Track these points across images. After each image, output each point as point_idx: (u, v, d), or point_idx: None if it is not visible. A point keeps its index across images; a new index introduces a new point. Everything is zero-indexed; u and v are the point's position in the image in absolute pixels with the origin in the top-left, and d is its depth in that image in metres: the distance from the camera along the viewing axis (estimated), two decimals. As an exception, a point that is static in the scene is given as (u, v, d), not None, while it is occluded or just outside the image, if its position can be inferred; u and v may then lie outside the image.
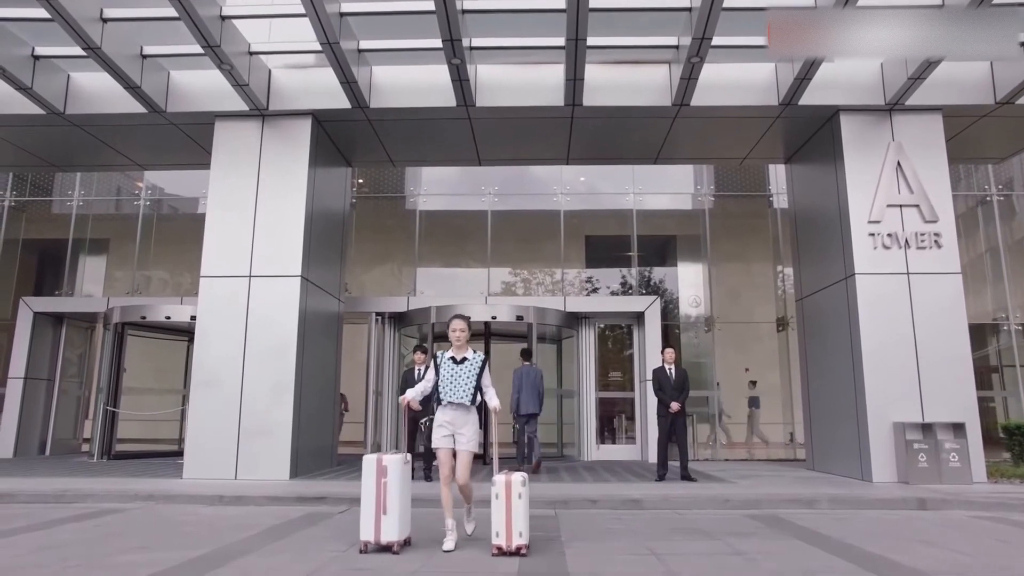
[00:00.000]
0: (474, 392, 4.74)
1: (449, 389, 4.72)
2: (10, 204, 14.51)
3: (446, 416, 4.72)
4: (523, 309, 12.07)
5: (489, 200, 14.13)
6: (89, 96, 9.19)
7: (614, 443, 13.18)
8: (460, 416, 4.70)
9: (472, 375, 4.75)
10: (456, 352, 4.84)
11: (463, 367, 4.77)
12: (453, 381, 4.73)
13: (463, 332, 4.81)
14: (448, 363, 4.81)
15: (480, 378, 4.79)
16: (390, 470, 4.60)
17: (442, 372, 4.79)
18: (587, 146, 10.52)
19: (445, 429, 4.71)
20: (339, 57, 7.93)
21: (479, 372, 4.79)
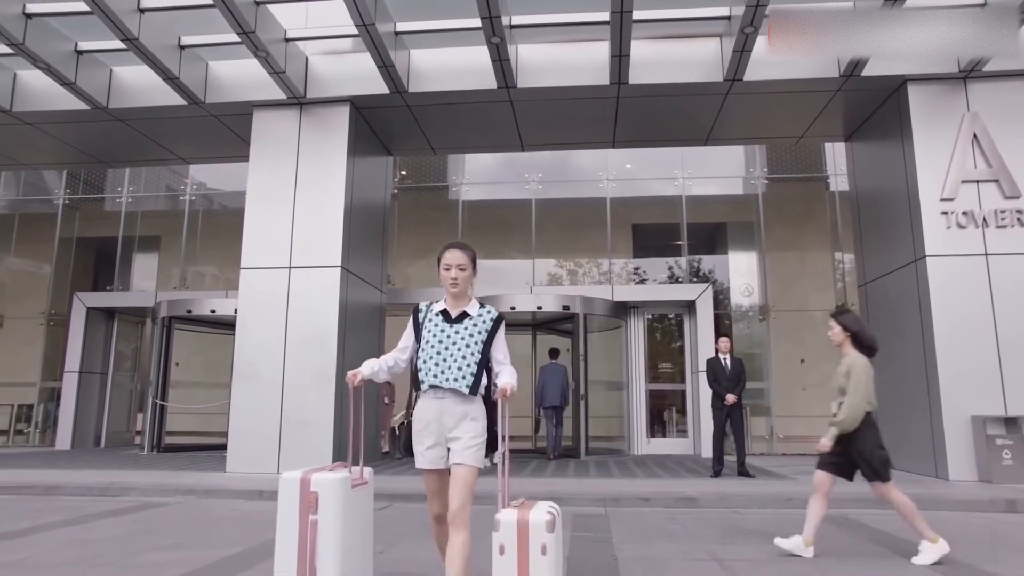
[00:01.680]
0: (477, 371, 2.93)
1: (434, 365, 2.93)
2: (64, 202, 14.81)
3: (430, 411, 2.92)
4: (569, 299, 11.72)
5: (533, 188, 13.79)
6: (131, 90, 9.19)
7: (665, 436, 12.75)
8: (454, 411, 2.90)
9: (475, 343, 2.96)
10: (451, 304, 3.04)
11: (461, 329, 2.98)
12: (443, 352, 2.95)
13: (462, 271, 3.01)
14: (436, 321, 3.03)
15: (489, 348, 3.01)
16: (324, 500, 2.94)
17: (426, 336, 3.01)
18: (634, 127, 10.08)
19: (429, 436, 2.91)
20: (375, 39, 7.70)
21: (488, 338, 3.00)
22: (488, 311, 3.08)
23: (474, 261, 3.11)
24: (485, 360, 2.99)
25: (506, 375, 2.97)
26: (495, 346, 3.03)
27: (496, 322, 3.06)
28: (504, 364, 3.04)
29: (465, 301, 3.06)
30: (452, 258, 3.03)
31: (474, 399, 2.95)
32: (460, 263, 3.02)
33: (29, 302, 14.42)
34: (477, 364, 2.94)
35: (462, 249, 3.07)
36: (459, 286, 3.01)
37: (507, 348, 3.10)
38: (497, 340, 3.05)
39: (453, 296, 3.04)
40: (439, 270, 3.06)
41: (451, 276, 3.00)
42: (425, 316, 3.09)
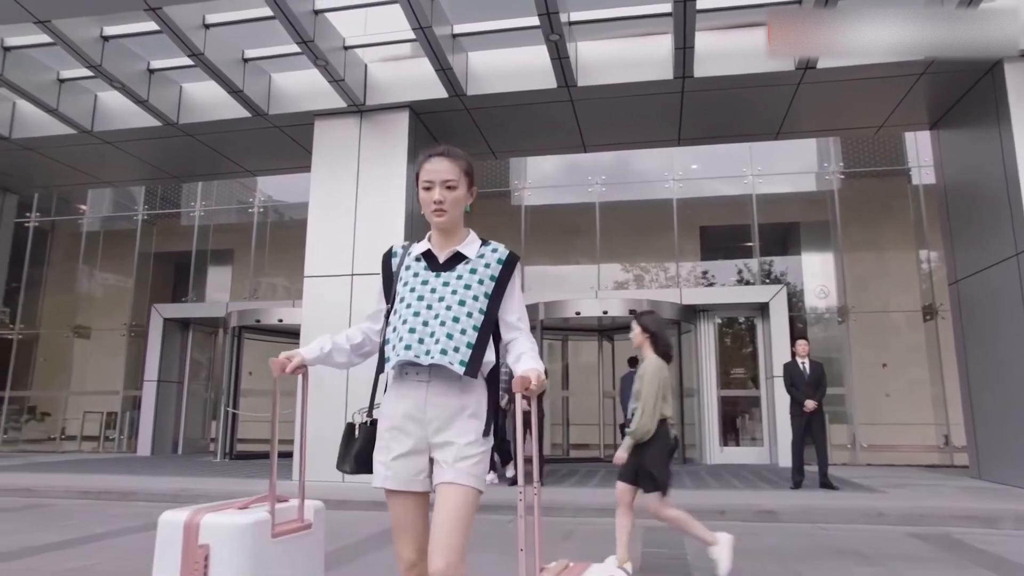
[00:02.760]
0: (479, 339, 2.00)
1: (408, 332, 2.00)
2: (143, 218, 15.42)
3: (405, 403, 2.00)
4: (636, 303, 11.37)
5: (596, 191, 13.52)
6: (199, 105, 9.43)
7: (739, 445, 12.22)
8: (442, 402, 1.98)
9: (475, 297, 2.04)
10: (438, 241, 2.13)
11: (452, 278, 2.07)
12: (424, 313, 2.02)
13: (450, 190, 2.06)
14: (415, 268, 2.12)
15: (497, 304, 2.08)
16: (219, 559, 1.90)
17: (400, 291, 2.11)
18: (700, 123, 9.70)
19: (402, 439, 1.99)
20: (432, 42, 7.63)
21: (495, 289, 2.08)
22: (494, 249, 2.12)
23: (470, 175, 2.12)
24: (491, 323, 2.03)
25: (527, 355, 2.02)
26: (507, 301, 2.08)
27: (507, 264, 2.09)
28: (521, 332, 2.08)
29: (459, 237, 2.12)
30: (435, 171, 2.06)
31: (473, 384, 1.99)
32: (447, 178, 2.05)
33: (113, 314, 15.05)
34: (478, 329, 1.99)
35: (449, 157, 2.09)
36: (447, 213, 2.05)
37: (524, 307, 2.15)
38: (511, 293, 2.08)
39: (440, 231, 2.11)
40: (418, 191, 2.11)
41: (434, 199, 2.04)
42: (401, 262, 2.15)
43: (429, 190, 2.09)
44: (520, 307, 2.14)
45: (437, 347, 1.97)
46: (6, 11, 7.34)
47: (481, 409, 2.02)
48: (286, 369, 2.10)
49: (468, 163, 2.15)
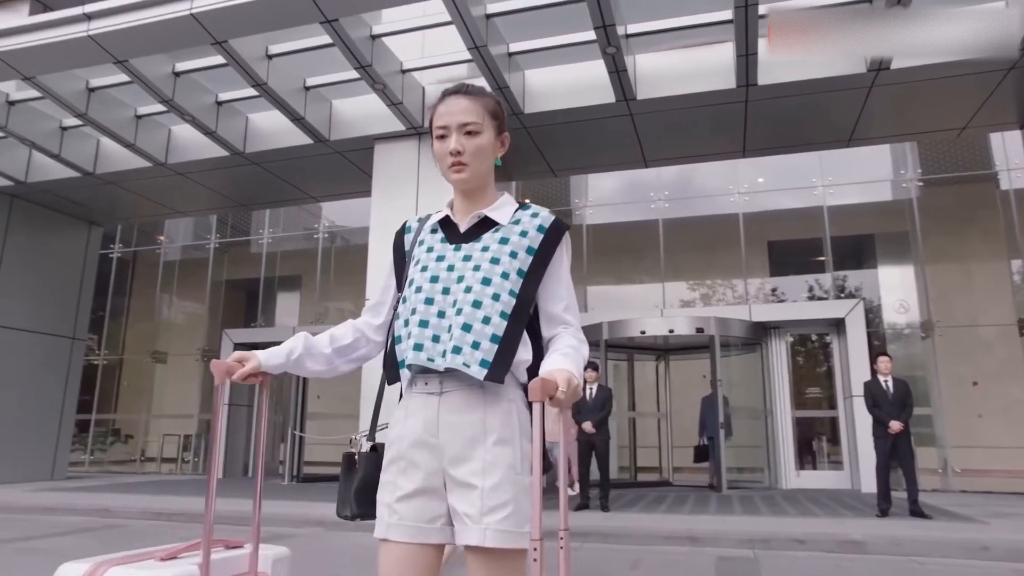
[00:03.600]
0: (509, 331, 1.53)
1: (418, 326, 1.56)
2: (215, 246, 15.99)
3: (415, 422, 1.56)
4: (703, 320, 11.01)
5: (659, 207, 13.23)
6: (264, 134, 9.70)
7: (816, 468, 11.59)
8: (462, 420, 1.52)
9: (506, 273, 1.56)
10: (461, 206, 1.68)
11: (477, 250, 1.60)
12: (439, 298, 1.57)
13: (472, 136, 1.60)
14: (430, 242, 1.68)
15: (535, 283, 1.59)
16: None
17: (412, 273, 1.66)
18: (765, 133, 9.36)
19: (411, 473, 1.53)
20: (488, 61, 7.62)
21: (535, 263, 1.59)
22: (534, 214, 1.64)
23: (498, 117, 1.65)
24: (525, 310, 1.55)
25: (559, 352, 1.53)
26: (550, 284, 1.61)
27: (551, 233, 1.61)
28: (568, 327, 1.61)
29: (487, 200, 1.66)
30: (449, 112, 1.61)
31: (502, 394, 1.53)
32: (465, 121, 1.59)
33: (188, 340, 15.61)
34: (507, 318, 1.52)
35: (469, 94, 1.64)
36: (468, 168, 1.59)
37: (574, 295, 1.65)
38: (556, 273, 1.61)
39: (463, 193, 1.66)
40: (432, 146, 1.65)
41: (451, 149, 1.59)
42: (416, 238, 1.72)
43: (444, 138, 1.61)
44: (568, 293, 1.63)
45: (454, 345, 1.50)
46: (89, 53, 7.75)
47: (512, 431, 1.51)
48: (233, 375, 1.65)
49: (495, 102, 1.67)
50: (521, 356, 1.56)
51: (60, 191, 11.28)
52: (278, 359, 1.72)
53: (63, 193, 11.38)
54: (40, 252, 11.97)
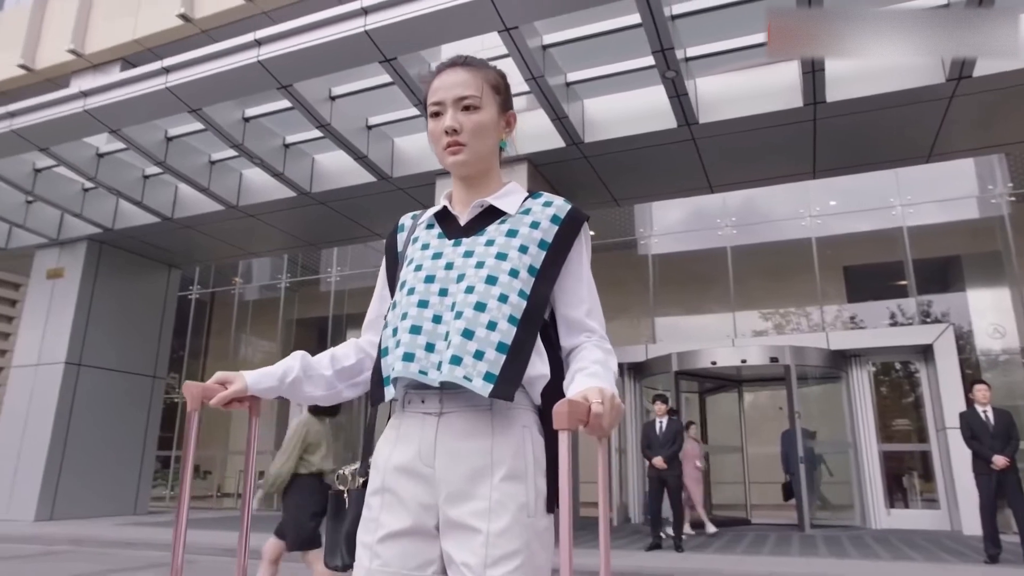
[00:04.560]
0: (519, 339, 1.28)
1: (409, 333, 1.33)
2: (286, 285, 16.47)
3: (400, 450, 1.32)
4: (777, 350, 10.54)
5: (727, 234, 12.88)
6: (329, 173, 9.95)
7: (908, 507, 10.79)
8: (462, 446, 1.28)
9: (513, 270, 1.33)
10: (460, 195, 1.47)
11: (479, 244, 1.38)
12: (434, 300, 1.34)
13: (469, 112, 1.40)
14: (425, 238, 1.46)
15: (550, 281, 1.37)
16: None
17: (404, 273, 1.43)
18: (837, 152, 8.98)
19: (394, 509, 1.30)
20: (545, 91, 7.61)
21: (549, 257, 1.37)
22: (547, 203, 1.43)
23: (501, 92, 1.46)
24: (538, 313, 1.33)
25: (586, 371, 1.28)
26: (568, 283, 1.39)
27: (567, 224, 1.39)
28: (591, 335, 1.37)
29: (491, 187, 1.46)
30: (443, 86, 1.43)
31: (512, 416, 1.30)
32: (462, 95, 1.40)
33: (262, 378, 16.01)
34: (516, 323, 1.29)
35: (467, 65, 1.44)
36: (467, 148, 1.40)
37: (597, 298, 1.41)
38: (574, 271, 1.39)
39: (462, 179, 1.46)
40: (427, 125, 1.46)
41: (446, 127, 1.40)
42: (409, 237, 1.51)
43: (438, 116, 1.41)
44: (590, 295, 1.39)
45: (450, 353, 1.26)
46: (167, 104, 8.17)
47: (525, 464, 1.26)
48: (210, 400, 1.39)
49: (498, 74, 1.46)
50: (535, 369, 1.31)
51: (143, 236, 11.86)
52: (269, 382, 1.46)
53: (145, 238, 11.96)
54: (125, 294, 12.57)
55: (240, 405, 1.46)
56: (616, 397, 1.19)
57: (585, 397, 1.15)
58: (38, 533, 9.20)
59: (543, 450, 1.31)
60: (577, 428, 1.12)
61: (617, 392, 1.24)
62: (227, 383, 1.43)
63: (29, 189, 10.52)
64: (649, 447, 7.95)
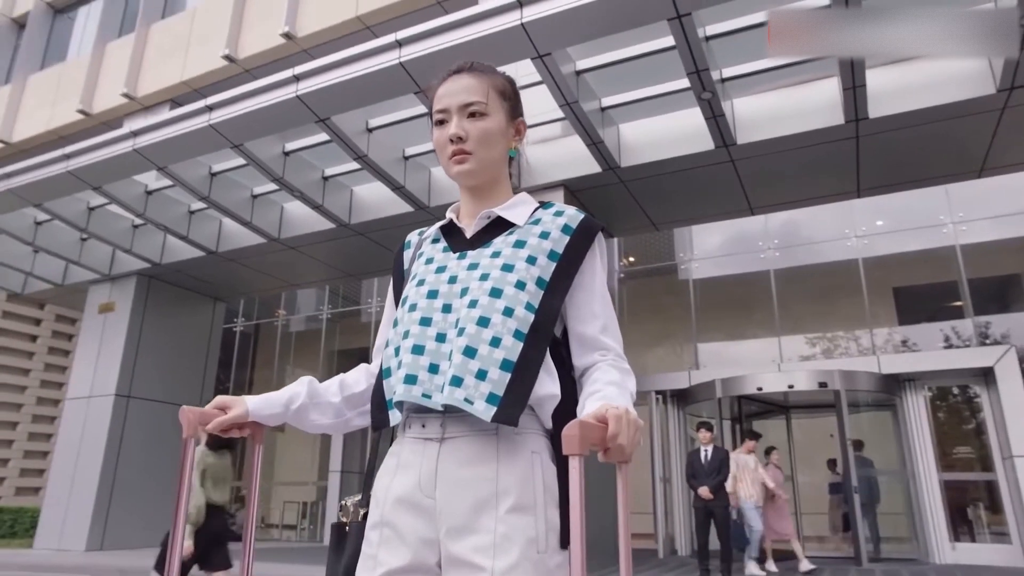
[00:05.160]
0: (525, 357, 1.19)
1: (411, 353, 1.25)
2: (327, 316, 16.66)
3: (400, 480, 1.24)
4: (826, 374, 10.18)
5: (770, 257, 12.61)
6: (367, 205, 10.08)
7: (974, 541, 10.21)
8: (465, 475, 1.18)
9: (520, 283, 1.24)
10: (468, 207, 1.42)
11: (485, 256, 1.30)
12: (436, 317, 1.26)
13: (476, 119, 1.34)
14: (430, 252, 1.40)
15: (560, 295, 1.28)
16: None
17: (407, 290, 1.36)
18: (882, 170, 8.73)
19: (392, 545, 1.21)
20: (580, 117, 7.59)
21: (559, 269, 1.29)
22: (558, 212, 1.37)
23: (510, 98, 1.41)
24: (547, 328, 1.24)
25: (600, 393, 1.18)
26: (580, 297, 1.30)
27: (580, 234, 1.32)
28: (607, 353, 1.27)
29: (498, 197, 1.40)
30: (448, 93, 1.36)
31: (519, 441, 1.20)
32: (468, 100, 1.34)
33: (304, 409, 16.16)
34: (523, 338, 1.20)
35: (473, 71, 1.38)
36: (474, 157, 1.34)
37: (613, 314, 1.33)
38: (587, 284, 1.31)
39: (470, 190, 1.41)
40: (432, 135, 1.39)
41: (451, 134, 1.33)
42: (416, 253, 1.45)
43: (443, 124, 1.35)
44: (605, 310, 1.30)
45: (451, 373, 1.18)
46: (211, 140, 8.41)
47: (535, 494, 1.16)
48: (207, 426, 1.31)
49: (506, 80, 1.41)
50: (544, 388, 1.20)
51: (189, 270, 12.16)
52: (273, 408, 1.40)
53: (191, 272, 12.25)
54: (172, 327, 12.86)
55: (240, 432, 1.39)
56: (633, 413, 1.08)
57: (599, 418, 1.05)
58: (89, 563, 9.34)
59: (555, 478, 1.21)
60: (588, 453, 1.01)
61: (629, 401, 1.15)
62: (227, 408, 1.36)
63: (83, 227, 10.90)
64: (694, 476, 7.71)
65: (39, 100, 14.96)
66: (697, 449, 7.90)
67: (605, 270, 1.37)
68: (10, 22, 16.53)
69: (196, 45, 12.88)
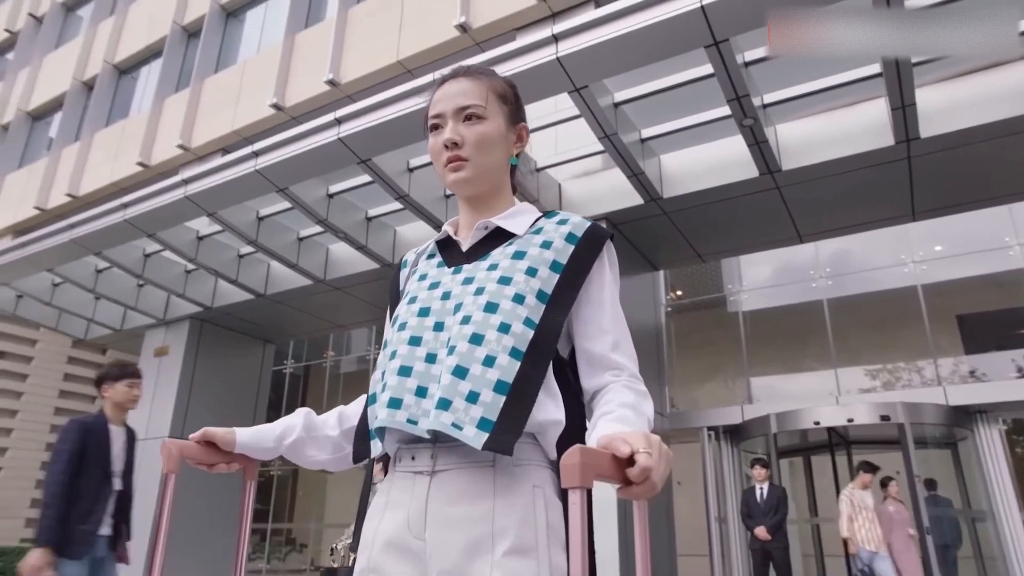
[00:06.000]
0: (520, 375, 1.06)
1: (397, 375, 1.14)
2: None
3: (388, 518, 1.13)
4: (888, 407, 9.68)
5: (822, 286, 12.20)
6: (409, 243, 10.15)
7: (1062, 586, 9.44)
8: (447, 515, 1.06)
9: (520, 297, 1.12)
10: (466, 218, 1.34)
11: (482, 270, 1.20)
12: (427, 335, 1.16)
13: (473, 123, 1.25)
14: (425, 268, 1.31)
15: (564, 308, 1.15)
16: None
17: (399, 310, 1.25)
18: (938, 191, 8.41)
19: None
20: (620, 148, 7.54)
21: (558, 288, 1.15)
22: (561, 221, 1.25)
23: (510, 102, 1.31)
24: (548, 345, 1.12)
25: (612, 415, 1.08)
26: (587, 312, 1.19)
27: (586, 243, 1.21)
28: (620, 373, 1.15)
29: (499, 207, 1.31)
30: (444, 97, 1.29)
31: (524, 473, 1.09)
32: (464, 104, 1.25)
33: (352, 449, 16.21)
34: (521, 357, 1.09)
35: (470, 74, 1.30)
36: (470, 164, 1.25)
37: (626, 329, 1.20)
38: (595, 297, 1.20)
39: (468, 202, 1.33)
40: (428, 142, 1.31)
41: (445, 139, 1.25)
42: (411, 270, 1.34)
43: (438, 129, 1.27)
44: (616, 326, 1.17)
45: (439, 395, 1.07)
46: (258, 185, 8.63)
47: (535, 533, 1.03)
48: (192, 460, 1.23)
49: (506, 83, 1.31)
50: (545, 414, 1.08)
51: (239, 313, 12.42)
52: (265, 442, 1.31)
53: (241, 314, 12.51)
54: (223, 370, 13.10)
55: (228, 467, 1.31)
56: (662, 443, 0.94)
57: (608, 445, 0.90)
58: (139, 606, 9.39)
59: (561, 517, 1.07)
60: (593, 485, 0.85)
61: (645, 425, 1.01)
62: (213, 440, 1.29)
63: (140, 273, 11.26)
64: (750, 516, 7.38)
65: (103, 155, 15.71)
66: (752, 487, 7.58)
67: (616, 282, 1.25)
68: (81, 85, 17.50)
69: (246, 96, 13.38)
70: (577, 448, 0.85)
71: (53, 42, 19.01)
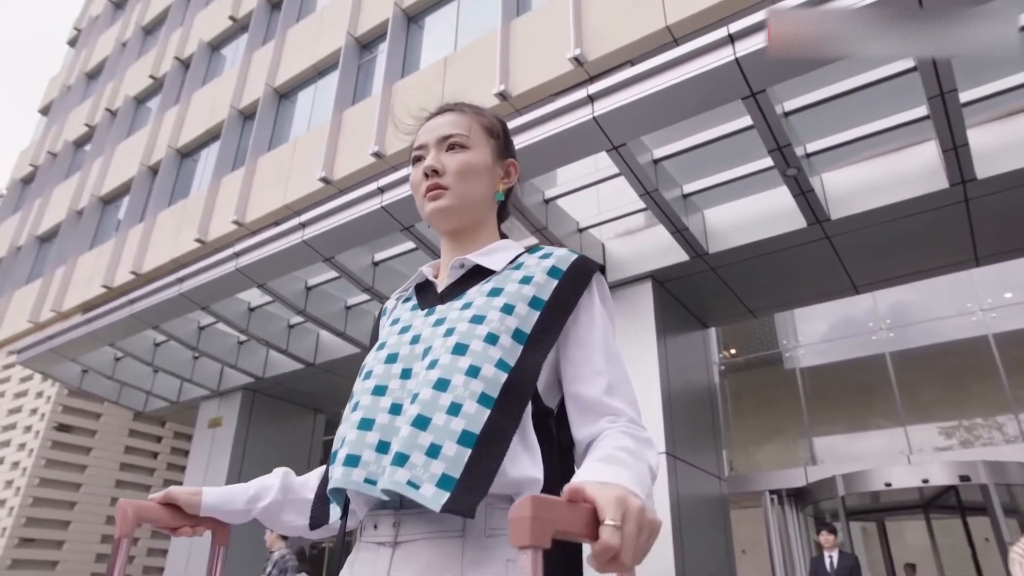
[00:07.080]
0: (488, 426, 0.93)
1: (356, 429, 1.02)
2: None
3: None
4: (968, 466, 9.02)
5: (883, 338, 11.66)
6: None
7: None
8: None
9: (493, 338, 0.99)
10: (447, 254, 1.25)
11: (455, 311, 1.08)
12: (393, 384, 1.05)
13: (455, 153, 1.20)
14: (397, 313, 1.23)
15: (545, 347, 1.02)
16: None
17: (368, 358, 1.17)
18: (1001, 234, 8.03)
19: None
20: (662, 205, 7.46)
21: (538, 327, 1.03)
22: (545, 255, 1.15)
23: (498, 136, 1.25)
24: (522, 392, 0.99)
25: (601, 461, 0.89)
26: (576, 353, 1.07)
27: (571, 277, 1.09)
28: (616, 417, 1.03)
29: (480, 243, 1.21)
30: (429, 129, 1.24)
31: (495, 544, 0.94)
32: (447, 133, 1.20)
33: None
34: (491, 405, 0.95)
35: (455, 109, 1.25)
36: (450, 193, 1.17)
37: (623, 368, 1.09)
38: (584, 336, 1.07)
39: (449, 237, 1.23)
40: (411, 174, 1.27)
41: (425, 168, 1.18)
42: (389, 317, 1.24)
43: (420, 161, 1.22)
44: (611, 367, 1.04)
45: (400, 454, 0.93)
46: (305, 255, 8.83)
47: None
48: (155, 522, 1.11)
49: (495, 119, 1.26)
50: (520, 470, 0.93)
51: (289, 383, 12.55)
52: (234, 504, 1.18)
53: (292, 384, 12.64)
54: (274, 439, 13.17)
55: (194, 532, 1.18)
56: (645, 508, 0.74)
57: (575, 493, 0.72)
58: None
59: None
60: (548, 545, 0.66)
61: (648, 500, 0.80)
62: (175, 502, 1.16)
63: (195, 345, 11.55)
64: (821, 587, 6.86)
65: (165, 233, 16.44)
66: (821, 555, 7.07)
67: (612, 319, 1.13)
68: (147, 169, 18.52)
69: (297, 172, 13.90)
70: (529, 498, 0.67)
71: (125, 132, 20.27)
